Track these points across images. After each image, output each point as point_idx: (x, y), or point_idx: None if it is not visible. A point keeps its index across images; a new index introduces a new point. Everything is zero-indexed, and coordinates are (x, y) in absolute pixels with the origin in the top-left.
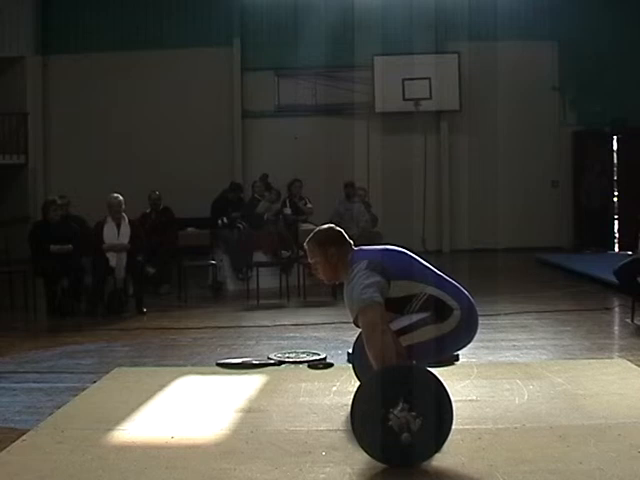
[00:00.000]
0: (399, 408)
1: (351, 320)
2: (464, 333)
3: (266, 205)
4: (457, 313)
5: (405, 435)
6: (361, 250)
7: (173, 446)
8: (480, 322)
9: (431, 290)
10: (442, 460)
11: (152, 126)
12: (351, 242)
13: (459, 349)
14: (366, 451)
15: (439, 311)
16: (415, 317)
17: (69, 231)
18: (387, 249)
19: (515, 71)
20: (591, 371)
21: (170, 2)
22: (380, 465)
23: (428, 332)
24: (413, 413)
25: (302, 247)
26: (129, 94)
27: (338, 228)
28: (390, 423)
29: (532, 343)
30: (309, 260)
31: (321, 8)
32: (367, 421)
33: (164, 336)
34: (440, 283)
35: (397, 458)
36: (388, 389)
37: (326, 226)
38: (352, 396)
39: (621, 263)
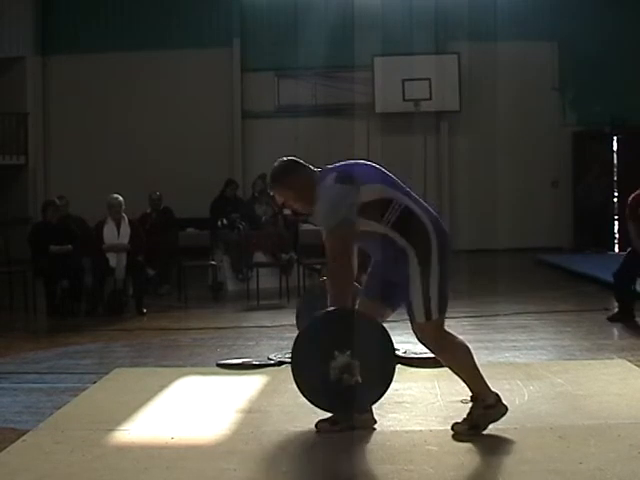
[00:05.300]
0: (340, 353)
1: None
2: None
3: (263, 208)
4: (433, 239)
5: (346, 377)
6: (327, 168)
7: (173, 446)
8: (480, 322)
9: (406, 201)
10: (442, 460)
11: (152, 126)
12: (310, 166)
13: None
14: (309, 399)
15: (412, 229)
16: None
17: (69, 232)
18: (357, 162)
19: (515, 71)
20: (591, 372)
21: (170, 2)
22: (381, 465)
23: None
24: (353, 358)
25: (302, 248)
26: (129, 94)
27: (290, 157)
28: (330, 369)
29: (532, 344)
30: (279, 202)
31: (321, 8)
32: (306, 368)
33: (164, 336)
34: (412, 196)
35: (339, 404)
36: (328, 335)
37: (276, 162)
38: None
39: (619, 268)
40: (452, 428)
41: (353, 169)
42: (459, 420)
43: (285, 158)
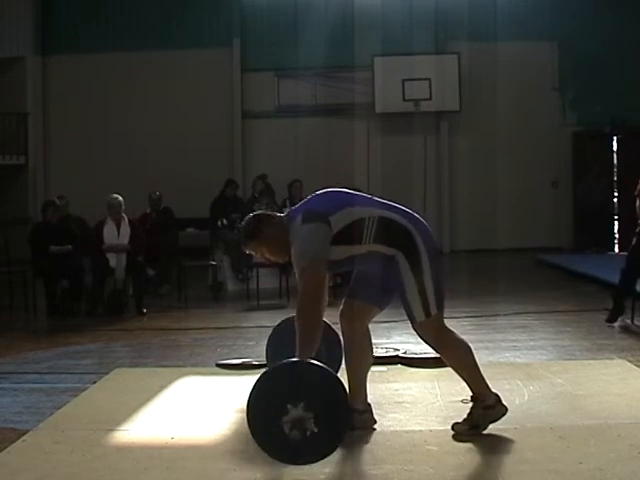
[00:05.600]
0: (292, 407)
1: None
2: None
3: (263, 208)
4: (418, 239)
5: (294, 433)
6: (293, 209)
7: (173, 446)
8: (480, 322)
9: (379, 212)
10: (442, 460)
11: (152, 126)
12: (276, 213)
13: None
14: (262, 448)
15: (395, 235)
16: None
17: (69, 232)
18: (319, 193)
19: (515, 71)
20: (591, 372)
21: (170, 2)
22: (381, 465)
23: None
24: (307, 412)
25: None
26: (129, 94)
27: (255, 213)
28: (282, 422)
29: (532, 344)
30: (258, 257)
31: (321, 8)
32: (260, 419)
33: (164, 337)
34: (384, 204)
35: (289, 457)
36: (282, 387)
37: (244, 221)
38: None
39: (625, 265)
40: (452, 428)
41: (318, 204)
42: (459, 420)
43: (252, 214)
